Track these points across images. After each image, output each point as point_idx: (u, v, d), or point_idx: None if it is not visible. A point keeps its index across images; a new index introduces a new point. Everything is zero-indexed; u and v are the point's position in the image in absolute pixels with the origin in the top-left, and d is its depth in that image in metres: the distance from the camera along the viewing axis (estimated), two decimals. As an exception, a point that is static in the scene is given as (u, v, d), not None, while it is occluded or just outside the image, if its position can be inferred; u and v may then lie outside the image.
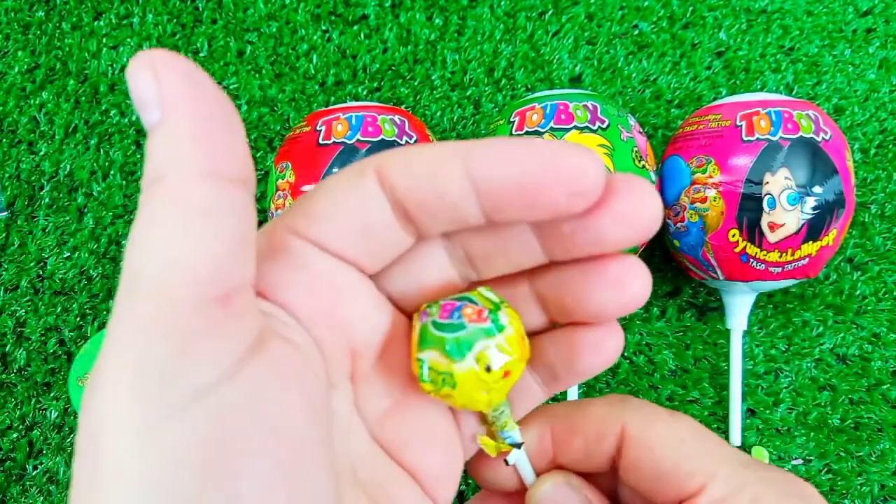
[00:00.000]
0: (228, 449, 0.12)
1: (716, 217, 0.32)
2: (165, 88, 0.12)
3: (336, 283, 0.16)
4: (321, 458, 0.14)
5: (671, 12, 0.43)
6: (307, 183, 0.32)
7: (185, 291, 0.12)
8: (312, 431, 0.14)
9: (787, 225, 0.31)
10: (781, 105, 0.32)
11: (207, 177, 0.12)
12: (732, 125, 0.33)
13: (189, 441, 0.12)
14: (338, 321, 0.16)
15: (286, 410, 0.13)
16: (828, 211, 0.31)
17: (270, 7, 0.43)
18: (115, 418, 0.12)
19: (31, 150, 0.41)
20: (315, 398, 0.14)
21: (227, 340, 0.13)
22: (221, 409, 0.12)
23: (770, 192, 0.31)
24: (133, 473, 0.12)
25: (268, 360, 0.13)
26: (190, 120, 0.12)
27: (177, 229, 0.12)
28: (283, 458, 0.13)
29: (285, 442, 0.13)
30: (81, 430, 0.12)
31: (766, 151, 0.31)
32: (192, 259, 0.12)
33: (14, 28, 0.43)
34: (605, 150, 0.31)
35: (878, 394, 0.38)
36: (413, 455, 0.17)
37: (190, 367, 0.12)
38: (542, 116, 0.32)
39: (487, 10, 0.43)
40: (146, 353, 0.12)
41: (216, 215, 0.12)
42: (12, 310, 0.39)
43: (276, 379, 0.13)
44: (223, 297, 0.12)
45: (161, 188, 0.12)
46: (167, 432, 0.12)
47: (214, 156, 0.12)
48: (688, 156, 0.34)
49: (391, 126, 0.32)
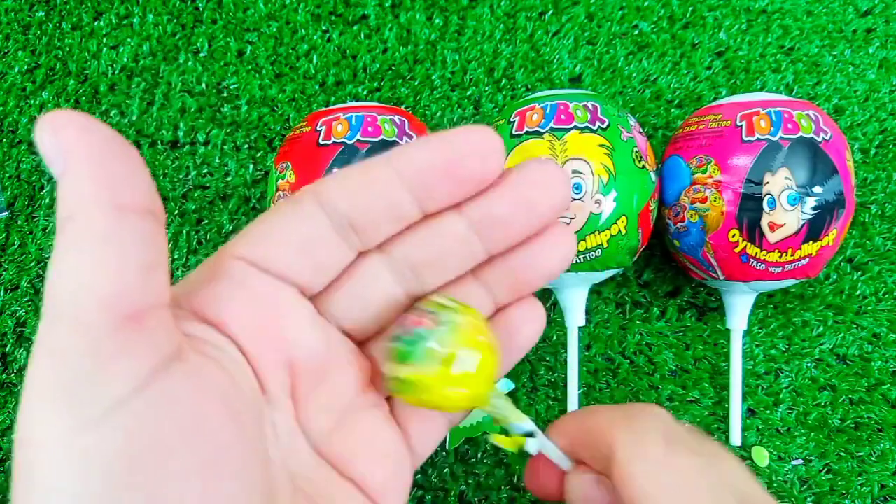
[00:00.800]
0: (145, 455, 0.13)
1: (716, 217, 0.32)
2: (64, 142, 0.13)
3: (274, 302, 0.17)
4: (243, 464, 0.15)
5: (671, 12, 0.43)
6: (307, 183, 0.32)
7: (94, 313, 0.13)
8: (232, 437, 0.15)
9: (788, 225, 0.31)
10: (781, 105, 0.32)
11: (110, 210, 0.13)
12: (733, 125, 0.33)
13: (109, 450, 0.13)
14: (274, 337, 0.17)
15: (202, 418, 0.14)
16: (828, 211, 0.31)
17: (270, 7, 0.43)
18: (41, 431, 0.13)
19: (32, 149, 0.41)
20: (237, 407, 0.15)
21: (139, 356, 0.14)
22: (135, 419, 0.13)
23: (770, 192, 0.31)
24: (59, 484, 0.13)
25: (183, 373, 0.14)
26: (88, 163, 0.13)
27: (84, 257, 0.13)
28: (199, 461, 0.14)
29: (201, 446, 0.14)
30: (16, 438, 0.14)
31: (766, 151, 0.31)
32: (99, 283, 0.13)
33: (14, 28, 0.43)
34: (605, 150, 0.31)
35: (879, 394, 0.38)
36: (359, 468, 0.18)
37: (104, 381, 0.13)
38: (542, 116, 0.32)
39: (487, 10, 0.43)
40: (64, 370, 0.13)
41: (119, 243, 0.13)
42: (12, 310, 0.39)
43: (191, 389, 0.14)
44: (133, 317, 0.14)
45: (70, 224, 0.13)
46: (87, 443, 0.13)
47: (115, 191, 0.14)
48: (688, 156, 0.34)
49: (391, 126, 0.32)
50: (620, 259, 0.33)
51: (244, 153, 0.41)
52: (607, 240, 0.32)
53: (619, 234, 0.32)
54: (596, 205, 0.31)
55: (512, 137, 0.32)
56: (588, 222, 0.31)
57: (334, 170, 0.31)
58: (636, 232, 0.33)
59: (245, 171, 0.41)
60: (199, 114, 0.42)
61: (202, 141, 0.41)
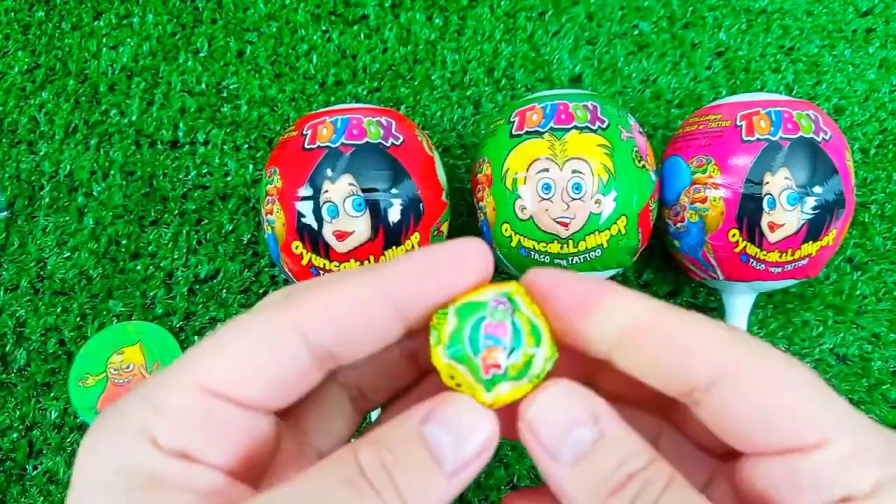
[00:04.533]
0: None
1: (716, 217, 0.32)
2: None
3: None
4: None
5: (671, 12, 0.43)
6: (294, 188, 0.31)
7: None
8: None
9: (787, 225, 0.31)
10: (781, 105, 0.32)
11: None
12: (732, 125, 0.33)
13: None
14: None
15: None
16: (828, 211, 0.31)
17: (270, 7, 0.43)
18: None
19: (31, 150, 0.41)
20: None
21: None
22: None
23: (770, 192, 0.31)
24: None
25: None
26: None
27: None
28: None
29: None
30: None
31: (766, 151, 0.31)
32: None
33: (14, 28, 0.43)
34: (605, 150, 0.31)
35: (878, 394, 0.38)
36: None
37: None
38: (541, 116, 0.32)
39: (487, 10, 0.43)
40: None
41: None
42: (12, 310, 0.39)
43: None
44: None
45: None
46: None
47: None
48: (688, 156, 0.34)
49: (377, 128, 0.32)
50: (620, 259, 0.33)
51: (244, 153, 0.41)
52: (607, 240, 0.32)
53: (619, 234, 0.32)
54: (596, 205, 0.31)
55: (511, 138, 0.32)
56: (588, 222, 0.31)
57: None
58: (636, 232, 0.33)
59: (245, 171, 0.41)
60: (199, 114, 0.42)
61: (202, 141, 0.41)
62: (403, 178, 0.32)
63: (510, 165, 0.32)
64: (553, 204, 0.31)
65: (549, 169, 0.31)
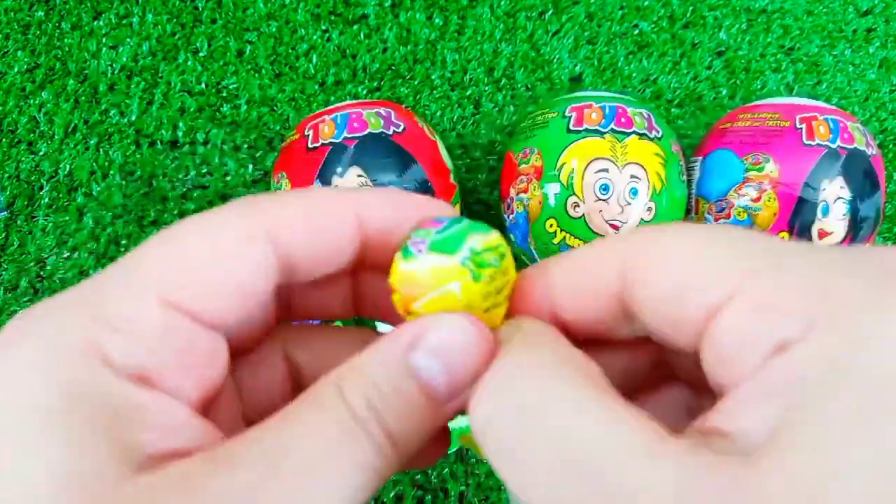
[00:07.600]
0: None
1: (767, 217, 0.32)
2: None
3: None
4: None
5: (671, 12, 0.43)
6: None
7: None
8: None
9: (835, 234, 0.31)
10: (836, 114, 0.32)
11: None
12: (792, 126, 0.32)
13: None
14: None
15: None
16: (869, 226, 0.32)
17: (270, 7, 0.43)
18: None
19: (31, 149, 0.41)
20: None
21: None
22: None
23: (825, 199, 0.31)
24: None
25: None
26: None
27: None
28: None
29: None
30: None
31: (826, 158, 0.31)
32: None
33: (14, 28, 0.43)
34: (660, 160, 0.32)
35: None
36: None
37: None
38: (601, 116, 0.32)
39: (487, 9, 0.43)
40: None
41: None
42: (12, 310, 0.39)
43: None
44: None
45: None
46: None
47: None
48: (741, 151, 0.33)
49: (377, 119, 0.32)
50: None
51: (244, 153, 0.41)
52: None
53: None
54: (647, 212, 0.31)
55: (569, 132, 0.32)
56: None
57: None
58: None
59: (245, 171, 0.41)
60: (199, 113, 0.42)
61: (201, 141, 0.41)
62: (410, 164, 0.32)
63: (566, 160, 0.32)
64: (609, 205, 0.31)
65: (609, 170, 0.31)
